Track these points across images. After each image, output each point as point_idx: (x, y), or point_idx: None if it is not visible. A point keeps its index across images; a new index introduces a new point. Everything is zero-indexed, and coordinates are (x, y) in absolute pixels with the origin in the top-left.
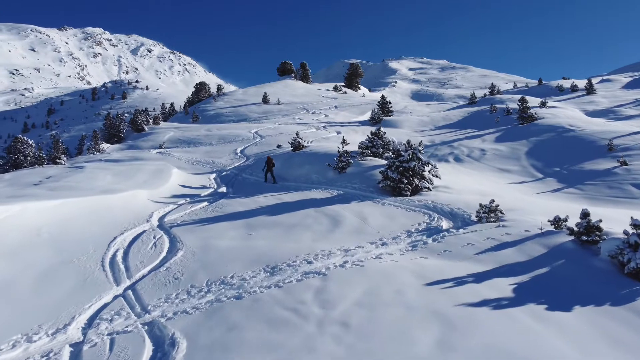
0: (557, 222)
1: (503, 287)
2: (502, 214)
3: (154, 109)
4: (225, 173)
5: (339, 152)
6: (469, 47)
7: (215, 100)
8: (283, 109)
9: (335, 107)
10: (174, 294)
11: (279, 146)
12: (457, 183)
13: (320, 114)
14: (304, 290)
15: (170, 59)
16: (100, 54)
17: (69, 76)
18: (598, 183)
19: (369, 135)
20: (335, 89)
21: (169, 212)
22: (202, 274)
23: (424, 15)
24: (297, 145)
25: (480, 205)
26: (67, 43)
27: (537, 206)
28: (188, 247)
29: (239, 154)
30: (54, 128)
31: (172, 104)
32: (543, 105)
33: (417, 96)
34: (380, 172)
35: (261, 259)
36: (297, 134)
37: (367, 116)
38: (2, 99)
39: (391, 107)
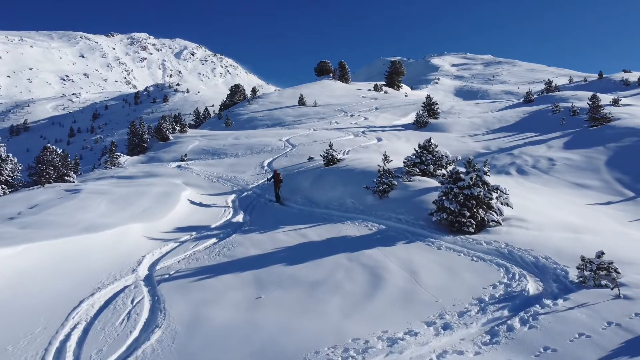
0: None
1: None
2: (618, 273)
3: (194, 112)
4: (246, 194)
5: (379, 171)
6: (514, 40)
7: (249, 104)
8: (320, 111)
9: (376, 108)
10: None
11: (310, 158)
12: (532, 210)
13: (359, 117)
14: None
15: (213, 62)
16: (145, 59)
17: (116, 81)
18: None
19: (417, 149)
20: (376, 88)
21: (165, 254)
22: None
23: (467, 6)
24: (330, 159)
25: (583, 260)
26: (114, 49)
27: None
28: (170, 322)
29: (266, 168)
30: (98, 132)
31: (206, 108)
32: (615, 103)
33: (461, 93)
34: (433, 202)
35: (266, 353)
36: (330, 146)
37: (410, 118)
38: (52, 105)
39: (437, 108)
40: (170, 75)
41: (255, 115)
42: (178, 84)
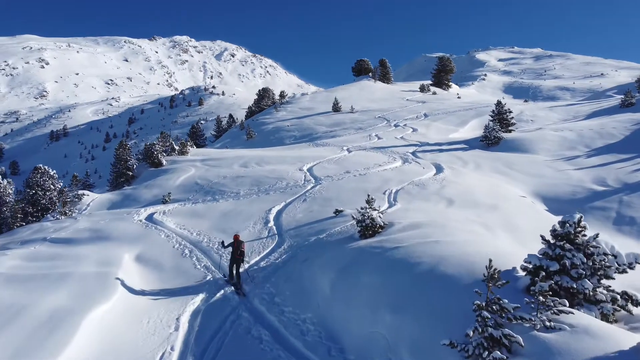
0: None
1: None
2: None
3: (216, 120)
4: (222, 293)
5: (479, 307)
6: (564, 32)
7: (276, 111)
8: (357, 118)
9: (425, 115)
10: None
11: (338, 212)
12: None
13: (405, 127)
14: None
15: (252, 62)
16: (186, 61)
17: (158, 83)
18: None
19: (549, 240)
20: (422, 89)
21: None
22: None
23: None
24: (367, 226)
25: None
26: (156, 52)
27: None
28: None
29: (271, 224)
30: (132, 137)
31: (230, 115)
32: None
33: (511, 90)
34: None
35: None
36: (368, 202)
37: (470, 128)
38: (92, 109)
39: (511, 117)
40: (211, 77)
41: (282, 124)
42: (214, 87)
